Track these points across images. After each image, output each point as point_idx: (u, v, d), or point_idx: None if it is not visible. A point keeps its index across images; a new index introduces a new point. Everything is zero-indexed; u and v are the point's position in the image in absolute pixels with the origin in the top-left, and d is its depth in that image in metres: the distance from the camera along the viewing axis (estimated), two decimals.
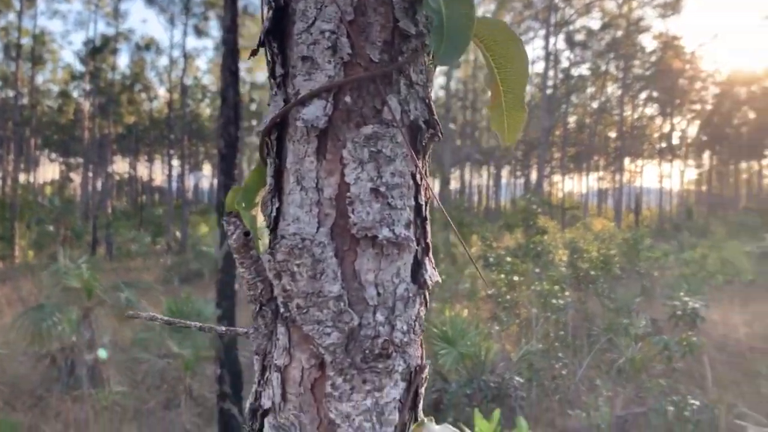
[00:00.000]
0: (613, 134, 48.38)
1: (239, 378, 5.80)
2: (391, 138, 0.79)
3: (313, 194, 0.79)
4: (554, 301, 10.88)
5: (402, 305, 0.80)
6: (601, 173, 53.74)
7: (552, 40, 36.59)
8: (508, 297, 11.60)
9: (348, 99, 0.79)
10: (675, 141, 49.99)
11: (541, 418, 8.54)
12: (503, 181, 56.90)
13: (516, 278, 12.24)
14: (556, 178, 53.81)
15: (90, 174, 40.36)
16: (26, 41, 35.52)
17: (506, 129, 0.84)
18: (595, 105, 46.25)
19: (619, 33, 39.69)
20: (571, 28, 39.09)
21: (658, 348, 9.21)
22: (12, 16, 33.01)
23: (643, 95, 45.79)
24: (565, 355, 9.76)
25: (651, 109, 48.46)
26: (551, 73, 38.20)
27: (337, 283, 0.77)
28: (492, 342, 9.21)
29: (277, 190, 0.83)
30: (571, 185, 60.96)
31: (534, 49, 41.31)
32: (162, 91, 46.20)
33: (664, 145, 49.18)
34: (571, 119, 48.17)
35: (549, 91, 36.86)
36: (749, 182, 57.09)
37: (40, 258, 21.73)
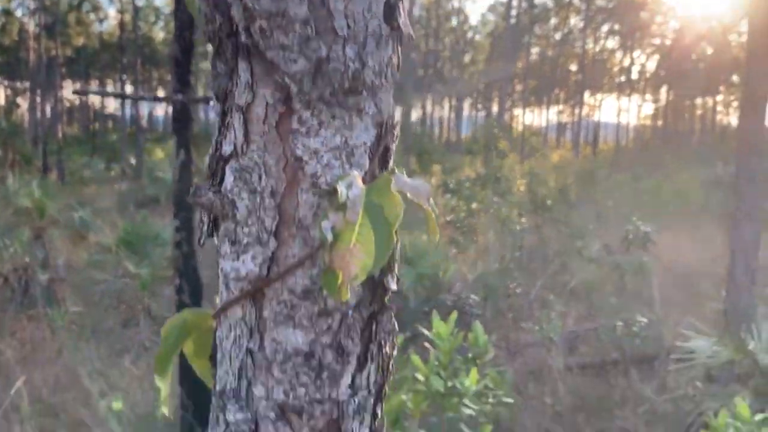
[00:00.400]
0: (574, 67, 48.42)
1: (199, 288, 5.74)
2: None
3: None
4: (512, 226, 11.05)
5: (374, 43, 0.74)
6: (561, 107, 54.05)
7: None
8: (466, 222, 11.73)
9: None
10: (634, 75, 50.43)
11: (495, 333, 8.78)
12: (464, 113, 56.69)
13: (474, 205, 12.37)
14: (517, 111, 53.95)
15: (38, 99, 38.68)
16: None
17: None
18: (557, 37, 46.02)
19: None
20: None
21: (610, 268, 9.50)
22: None
23: (605, 28, 45.70)
24: (520, 276, 9.98)
25: (612, 42, 48.56)
26: (515, 2, 37.66)
27: (304, 5, 0.70)
28: (450, 263, 9.32)
29: None
30: (531, 119, 61.25)
31: None
32: (113, 12, 44.07)
33: (623, 79, 49.54)
34: (534, 50, 47.96)
35: (513, 21, 36.42)
36: (703, 118, 58.03)
37: None
